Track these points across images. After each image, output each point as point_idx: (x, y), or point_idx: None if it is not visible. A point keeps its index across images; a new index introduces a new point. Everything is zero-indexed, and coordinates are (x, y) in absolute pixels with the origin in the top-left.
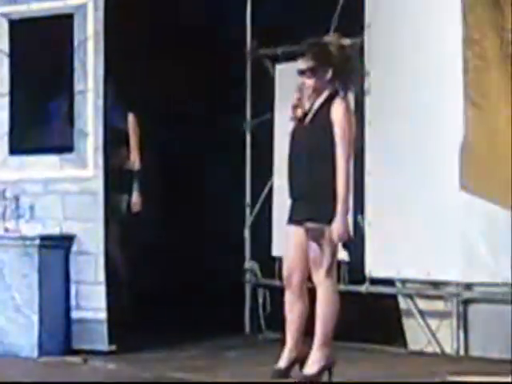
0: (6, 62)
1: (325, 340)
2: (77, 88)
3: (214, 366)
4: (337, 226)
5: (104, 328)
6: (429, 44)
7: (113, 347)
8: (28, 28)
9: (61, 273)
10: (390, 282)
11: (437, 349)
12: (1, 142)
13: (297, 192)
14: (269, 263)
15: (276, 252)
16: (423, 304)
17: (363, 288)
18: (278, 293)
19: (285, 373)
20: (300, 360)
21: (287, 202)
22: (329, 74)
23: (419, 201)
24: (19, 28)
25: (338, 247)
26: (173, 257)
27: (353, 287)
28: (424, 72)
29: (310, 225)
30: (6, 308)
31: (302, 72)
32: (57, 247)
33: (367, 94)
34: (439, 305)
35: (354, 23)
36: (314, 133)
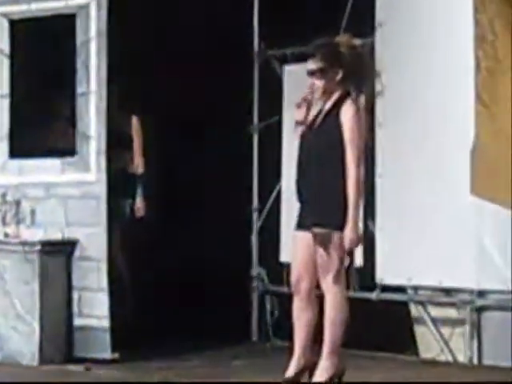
0: (7, 63)
1: (333, 348)
2: (79, 90)
3: (221, 375)
4: (348, 233)
5: (107, 335)
6: (440, 44)
7: (116, 355)
8: (29, 28)
9: (63, 279)
10: (401, 289)
11: (449, 357)
12: (1, 145)
13: (305, 196)
14: (276, 269)
15: (284, 258)
16: (435, 311)
17: (374, 295)
18: (286, 300)
19: (295, 381)
20: (308, 368)
21: (296, 206)
22: (339, 76)
23: (431, 205)
24: (20, 28)
25: (347, 253)
26: (178, 263)
27: (363, 294)
28: (435, 73)
29: (318, 230)
30: (7, 315)
31: (312, 73)
32: (58, 253)
33: (378, 96)
34: (452, 312)
35: (365, 23)
36: (323, 135)
